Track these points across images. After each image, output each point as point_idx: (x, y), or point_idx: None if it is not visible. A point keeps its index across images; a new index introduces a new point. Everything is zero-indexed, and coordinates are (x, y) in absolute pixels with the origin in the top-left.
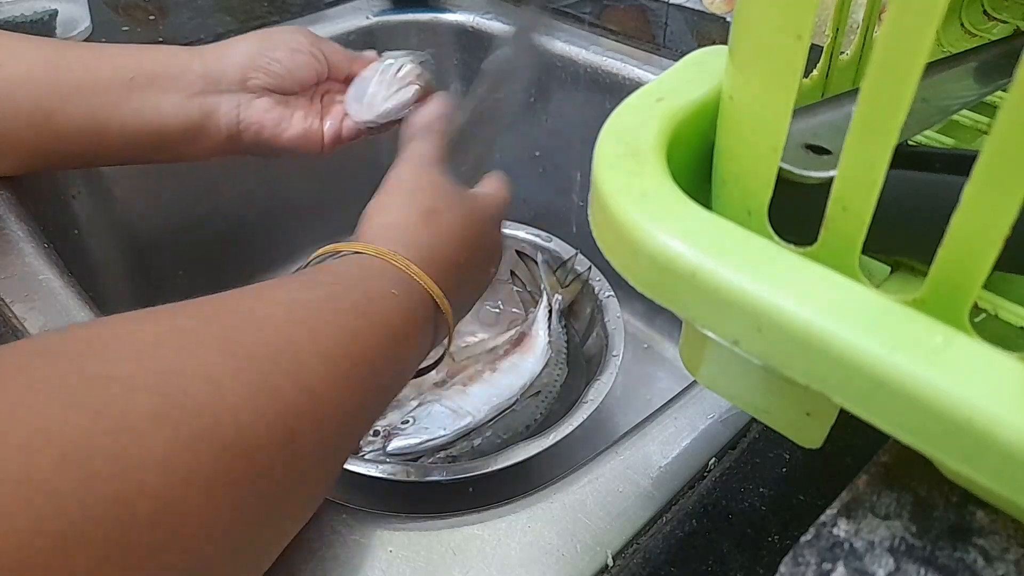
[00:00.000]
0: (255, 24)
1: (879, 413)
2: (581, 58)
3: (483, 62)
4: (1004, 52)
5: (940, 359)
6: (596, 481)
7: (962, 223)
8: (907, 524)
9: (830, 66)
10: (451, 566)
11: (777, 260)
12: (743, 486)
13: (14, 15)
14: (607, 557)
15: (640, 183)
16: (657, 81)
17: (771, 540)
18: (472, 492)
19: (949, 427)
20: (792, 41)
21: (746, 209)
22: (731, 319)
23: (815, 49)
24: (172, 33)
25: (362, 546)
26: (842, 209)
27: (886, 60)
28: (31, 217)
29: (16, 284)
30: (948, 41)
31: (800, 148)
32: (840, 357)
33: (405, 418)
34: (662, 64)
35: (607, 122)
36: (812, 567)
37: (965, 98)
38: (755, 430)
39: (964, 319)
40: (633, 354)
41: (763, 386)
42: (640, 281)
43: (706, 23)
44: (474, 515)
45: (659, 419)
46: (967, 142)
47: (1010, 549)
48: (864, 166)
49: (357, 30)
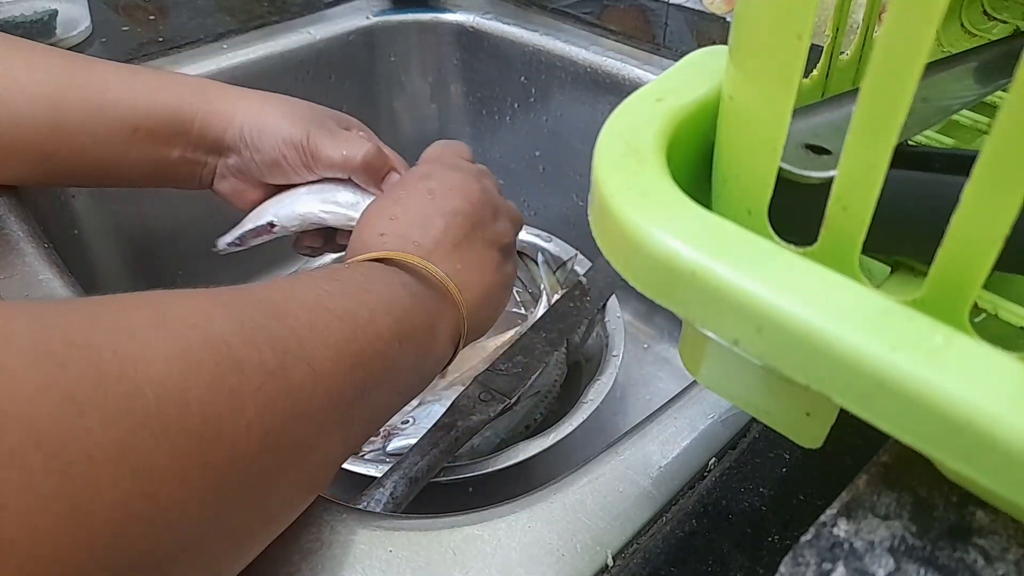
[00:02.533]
0: (255, 24)
1: (879, 413)
2: (581, 58)
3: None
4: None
5: (940, 359)
6: (596, 481)
7: (962, 223)
8: (907, 524)
9: (830, 66)
10: (451, 566)
11: (777, 260)
12: (743, 486)
13: (14, 15)
14: (607, 557)
15: (640, 183)
16: (657, 81)
17: (771, 540)
18: (472, 492)
19: (949, 427)
20: (792, 41)
21: (746, 209)
22: (731, 319)
23: (815, 49)
24: (172, 33)
25: (362, 546)
26: (842, 209)
27: (886, 60)
28: (31, 217)
29: (16, 284)
30: (948, 41)
31: (800, 148)
32: (840, 357)
33: (405, 418)
34: (662, 64)
35: (607, 122)
36: (812, 567)
37: (965, 98)
38: (755, 430)
39: (964, 319)
40: (633, 354)
41: (763, 386)
42: (640, 281)
43: (706, 23)
44: (474, 515)
45: (659, 419)
46: (967, 142)
47: (1010, 549)
48: (864, 166)
49: (357, 30)
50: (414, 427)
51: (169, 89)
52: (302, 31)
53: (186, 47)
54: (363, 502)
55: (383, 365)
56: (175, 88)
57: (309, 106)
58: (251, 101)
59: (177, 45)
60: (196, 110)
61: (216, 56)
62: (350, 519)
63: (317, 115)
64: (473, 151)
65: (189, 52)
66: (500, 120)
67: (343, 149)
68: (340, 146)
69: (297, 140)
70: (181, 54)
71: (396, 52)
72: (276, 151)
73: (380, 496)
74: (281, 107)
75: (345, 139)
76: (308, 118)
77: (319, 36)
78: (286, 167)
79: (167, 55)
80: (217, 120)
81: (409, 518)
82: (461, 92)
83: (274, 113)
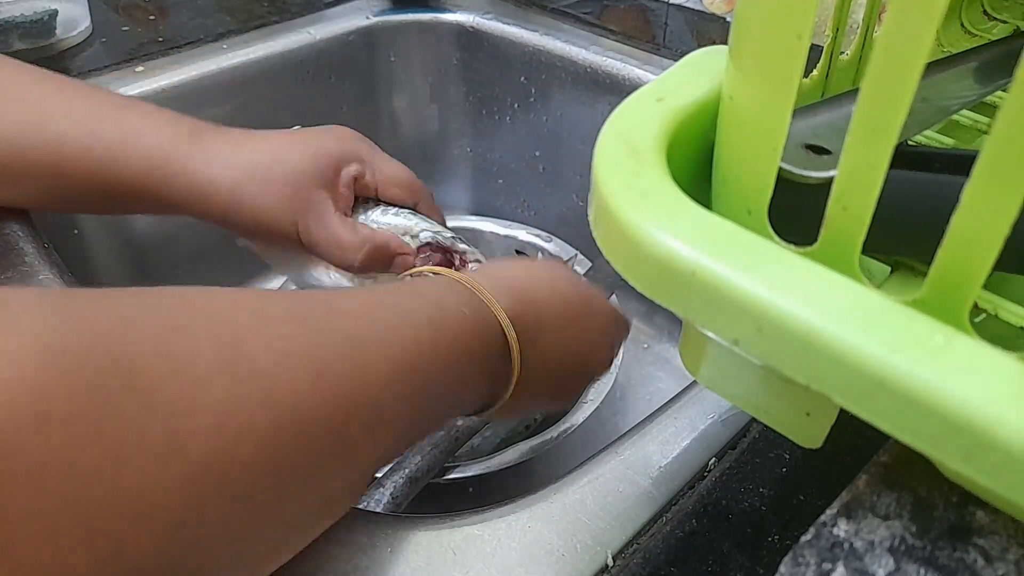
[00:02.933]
0: (255, 24)
1: (879, 413)
2: (581, 58)
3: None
4: (1004, 52)
5: (940, 359)
6: (596, 481)
7: (962, 223)
8: (907, 524)
9: (830, 66)
10: (451, 566)
11: (777, 260)
12: (743, 486)
13: (14, 15)
14: (607, 557)
15: (640, 183)
16: (657, 81)
17: (771, 540)
18: (472, 492)
19: (949, 427)
20: (792, 41)
21: (746, 209)
22: (731, 319)
23: (815, 49)
24: (172, 33)
25: (362, 546)
26: (842, 209)
27: (886, 60)
28: (31, 217)
29: (16, 284)
30: (948, 41)
31: (800, 148)
32: (840, 357)
33: None
34: (662, 64)
35: (607, 122)
36: (812, 567)
37: (965, 98)
38: (755, 430)
39: (964, 319)
40: (633, 354)
41: (763, 386)
42: (640, 281)
43: (706, 23)
44: (474, 515)
45: (659, 419)
46: (967, 142)
47: (1010, 549)
48: (864, 166)
49: (357, 30)
50: None
51: (126, 161)
52: (302, 31)
53: (186, 47)
54: (363, 502)
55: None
56: (133, 161)
57: (291, 175)
58: (224, 175)
59: (177, 45)
60: (164, 184)
61: (216, 56)
62: (350, 519)
63: (301, 192)
64: (473, 151)
65: (189, 52)
66: (500, 120)
67: (336, 250)
68: (332, 247)
69: (285, 230)
70: (181, 54)
71: (396, 52)
72: (267, 236)
73: (380, 496)
74: (258, 188)
75: (337, 234)
76: (292, 204)
77: (319, 36)
78: (281, 246)
79: (167, 55)
80: (192, 198)
81: (409, 518)
82: (461, 92)
83: (252, 198)
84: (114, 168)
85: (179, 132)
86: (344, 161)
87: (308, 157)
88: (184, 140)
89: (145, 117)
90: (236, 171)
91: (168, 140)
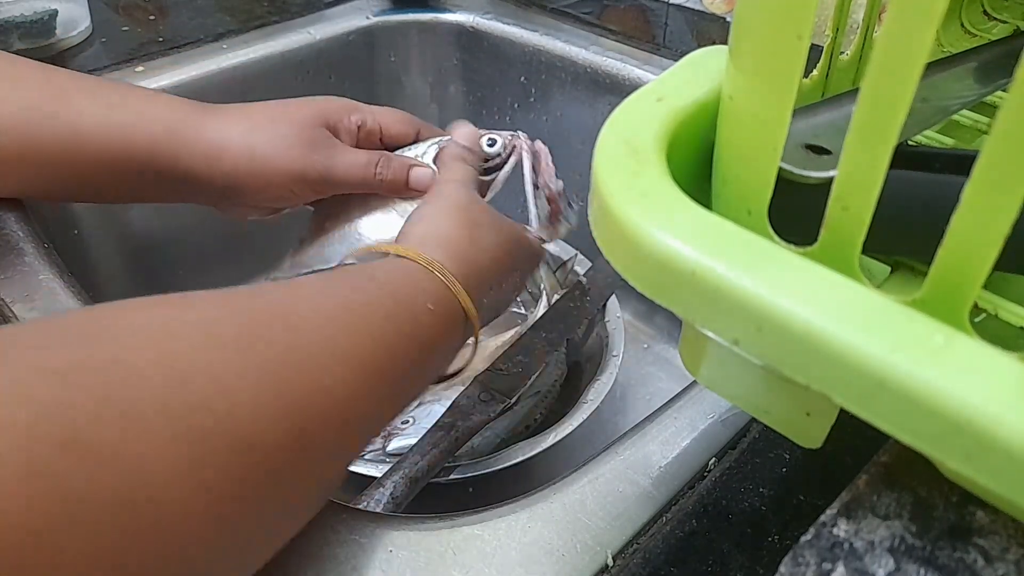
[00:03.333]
0: (255, 24)
1: (879, 413)
2: (581, 58)
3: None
4: (1004, 52)
5: (940, 359)
6: (596, 481)
7: (962, 223)
8: (907, 524)
9: (830, 66)
10: (451, 566)
11: (777, 260)
12: (743, 486)
13: (14, 15)
14: (607, 557)
15: (640, 183)
16: (657, 81)
17: (771, 540)
18: (472, 492)
19: (949, 427)
20: (792, 41)
21: (746, 209)
22: (731, 319)
23: (815, 49)
24: (172, 33)
25: (362, 546)
26: (842, 209)
27: (886, 60)
28: (31, 217)
29: (16, 284)
30: (948, 41)
31: (800, 148)
32: (840, 357)
33: (405, 418)
34: (662, 64)
35: (607, 122)
36: (812, 567)
37: (965, 98)
38: (755, 430)
39: (964, 319)
40: (633, 354)
41: (763, 386)
42: (640, 281)
43: (706, 23)
44: (474, 515)
45: (659, 419)
46: (967, 142)
47: (1010, 549)
48: (864, 166)
49: (357, 30)
50: (414, 427)
51: (142, 127)
52: (302, 31)
53: (186, 47)
54: (363, 502)
55: (410, 377)
56: (148, 127)
57: (295, 119)
58: (232, 131)
59: (177, 45)
60: (176, 152)
61: (216, 56)
62: (350, 519)
63: (306, 130)
64: None
65: (189, 52)
66: (500, 120)
67: (354, 168)
68: (348, 166)
69: (297, 173)
70: (181, 54)
71: (396, 52)
72: (279, 189)
73: (380, 496)
74: (267, 134)
75: (348, 153)
76: (299, 140)
77: (319, 36)
78: (296, 198)
79: (167, 55)
80: (203, 162)
81: (409, 518)
82: (461, 92)
83: (263, 144)
84: (129, 135)
85: (188, 105)
86: (343, 112)
87: (310, 109)
88: (195, 110)
89: (153, 96)
90: (245, 124)
91: (179, 109)
